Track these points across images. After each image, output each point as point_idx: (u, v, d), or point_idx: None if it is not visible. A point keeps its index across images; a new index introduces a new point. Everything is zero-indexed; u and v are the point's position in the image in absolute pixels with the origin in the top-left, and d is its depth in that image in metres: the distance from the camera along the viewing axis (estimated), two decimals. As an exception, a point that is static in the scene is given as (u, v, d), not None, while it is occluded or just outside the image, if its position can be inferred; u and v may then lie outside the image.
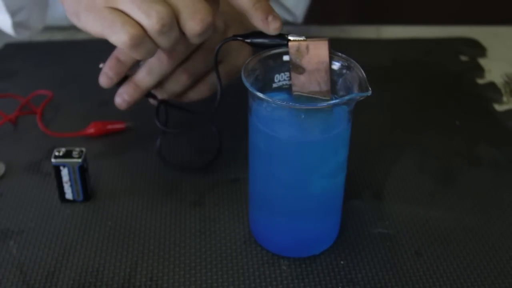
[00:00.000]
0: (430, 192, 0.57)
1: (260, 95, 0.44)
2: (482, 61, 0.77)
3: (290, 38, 0.47)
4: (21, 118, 0.66)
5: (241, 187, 0.58)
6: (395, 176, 0.59)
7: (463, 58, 0.78)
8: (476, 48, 0.80)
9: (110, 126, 0.63)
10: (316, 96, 0.48)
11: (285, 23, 0.86)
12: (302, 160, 0.46)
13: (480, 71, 0.75)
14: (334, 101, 0.45)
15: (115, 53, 0.56)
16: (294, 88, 0.48)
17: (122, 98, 0.57)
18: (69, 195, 0.55)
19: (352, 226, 0.54)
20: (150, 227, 0.53)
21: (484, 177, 0.59)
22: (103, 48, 0.77)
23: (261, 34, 0.49)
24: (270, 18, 0.48)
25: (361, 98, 0.44)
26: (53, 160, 0.54)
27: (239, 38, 0.50)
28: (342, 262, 0.50)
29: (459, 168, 0.60)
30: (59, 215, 0.55)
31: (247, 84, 0.45)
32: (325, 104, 0.44)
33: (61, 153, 0.54)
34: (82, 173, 0.54)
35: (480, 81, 0.74)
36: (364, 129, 0.64)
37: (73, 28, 0.76)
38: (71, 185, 0.55)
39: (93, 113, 0.67)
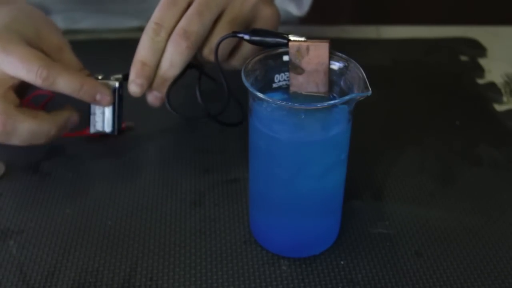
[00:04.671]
0: (430, 192, 0.57)
1: (260, 95, 0.44)
2: (482, 61, 0.77)
3: (291, 38, 0.47)
4: (21, 118, 0.66)
5: (241, 187, 0.58)
6: (395, 176, 0.59)
7: (463, 58, 0.78)
8: (476, 48, 0.80)
9: None
10: (314, 94, 0.48)
11: (285, 22, 0.86)
12: (302, 160, 0.46)
13: (480, 71, 0.75)
14: (334, 101, 0.45)
15: (138, 57, 0.55)
16: (292, 88, 0.49)
17: (154, 96, 0.56)
18: (99, 124, 0.54)
19: (352, 226, 0.54)
20: (150, 227, 0.53)
21: (484, 177, 0.59)
22: (103, 48, 0.78)
23: (261, 33, 0.49)
24: (98, 97, 0.54)
25: (361, 98, 0.44)
26: None
27: (239, 35, 0.50)
28: (342, 262, 0.50)
29: (459, 168, 0.60)
30: (59, 215, 0.55)
31: (247, 84, 0.45)
32: (325, 104, 0.44)
33: (99, 77, 0.54)
34: (118, 99, 0.53)
35: (480, 81, 0.74)
36: (364, 129, 0.64)
37: (72, 28, 0.76)
38: (102, 112, 0.53)
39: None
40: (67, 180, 0.58)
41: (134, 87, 0.55)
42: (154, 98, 0.57)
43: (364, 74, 0.45)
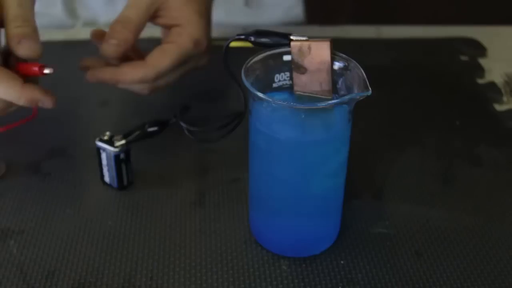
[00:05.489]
0: (430, 192, 0.57)
1: (260, 95, 0.44)
2: (482, 61, 0.77)
3: (293, 38, 0.47)
4: (21, 118, 0.66)
5: (241, 187, 0.58)
6: (395, 176, 0.59)
7: (463, 58, 0.78)
8: (476, 48, 0.80)
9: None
10: (318, 96, 0.48)
11: (285, 23, 0.86)
12: (302, 160, 0.46)
13: (480, 71, 0.75)
14: (334, 101, 0.45)
15: (118, 18, 0.56)
16: (295, 88, 0.48)
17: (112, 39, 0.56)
18: (107, 178, 0.57)
19: (352, 226, 0.54)
20: (150, 227, 0.53)
21: (484, 177, 0.59)
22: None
23: (263, 33, 0.48)
24: (40, 104, 0.52)
25: (361, 98, 0.44)
26: (97, 142, 0.55)
27: (242, 37, 0.49)
28: (342, 262, 0.50)
29: (459, 168, 0.60)
30: (59, 215, 0.55)
31: (247, 84, 0.45)
32: (325, 104, 0.44)
33: (105, 137, 0.56)
34: (118, 162, 0.55)
35: (480, 81, 0.74)
36: (364, 129, 0.64)
37: (72, 28, 0.76)
38: (108, 170, 0.56)
39: (93, 113, 0.67)
40: (67, 180, 0.58)
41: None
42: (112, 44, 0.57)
43: (364, 74, 0.45)
